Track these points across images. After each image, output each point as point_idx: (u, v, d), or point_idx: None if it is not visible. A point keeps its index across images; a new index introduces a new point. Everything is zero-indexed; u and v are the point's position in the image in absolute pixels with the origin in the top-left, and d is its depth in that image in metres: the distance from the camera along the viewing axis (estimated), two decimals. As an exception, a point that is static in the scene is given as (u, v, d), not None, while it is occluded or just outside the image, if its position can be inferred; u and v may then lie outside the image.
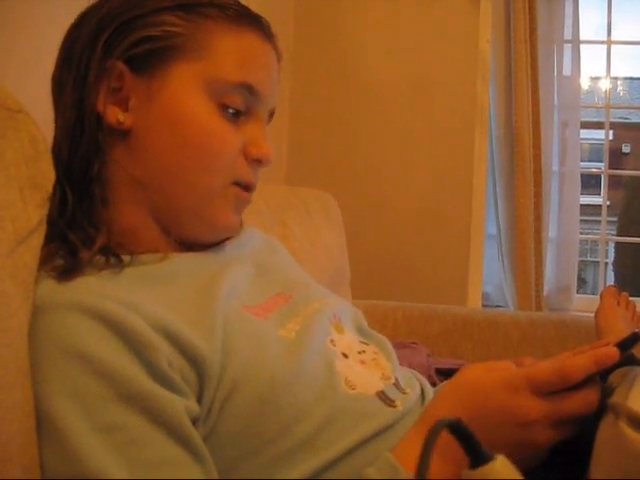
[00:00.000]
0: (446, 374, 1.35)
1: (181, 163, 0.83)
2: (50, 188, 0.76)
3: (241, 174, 0.87)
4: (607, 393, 0.68)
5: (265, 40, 0.89)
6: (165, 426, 0.67)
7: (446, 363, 1.44)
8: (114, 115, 0.82)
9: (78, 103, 0.82)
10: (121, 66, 0.82)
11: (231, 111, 0.85)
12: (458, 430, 0.56)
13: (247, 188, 0.90)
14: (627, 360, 0.70)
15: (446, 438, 0.54)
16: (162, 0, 0.84)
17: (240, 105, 0.86)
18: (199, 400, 0.72)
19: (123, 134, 0.83)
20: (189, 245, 0.89)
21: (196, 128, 0.83)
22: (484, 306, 2.76)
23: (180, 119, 0.83)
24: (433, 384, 0.99)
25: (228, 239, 0.95)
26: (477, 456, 0.56)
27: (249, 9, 0.89)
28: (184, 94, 0.83)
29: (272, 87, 0.91)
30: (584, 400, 0.68)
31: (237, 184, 0.88)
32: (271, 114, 0.94)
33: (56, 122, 0.86)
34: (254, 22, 0.88)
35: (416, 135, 2.68)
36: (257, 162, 0.89)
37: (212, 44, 0.84)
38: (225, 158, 0.85)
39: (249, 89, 0.86)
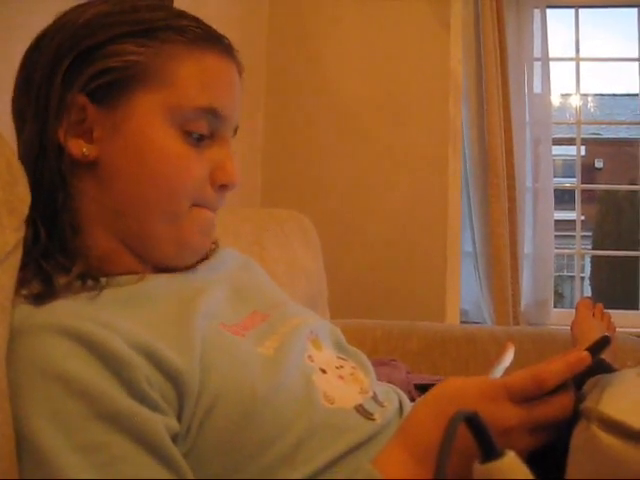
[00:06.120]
0: (425, 390, 1.35)
1: (147, 192, 0.83)
2: (27, 211, 0.76)
3: (205, 200, 0.88)
4: (580, 400, 0.69)
5: (226, 57, 0.88)
6: (145, 444, 0.67)
7: (425, 379, 1.44)
8: (78, 148, 0.82)
9: (39, 135, 0.82)
10: (82, 99, 0.81)
11: (195, 136, 0.85)
12: (473, 423, 0.56)
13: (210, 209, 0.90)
14: (599, 366, 0.71)
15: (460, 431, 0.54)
16: (119, 26, 0.82)
17: (204, 130, 0.85)
18: (179, 417, 0.72)
19: (89, 165, 0.83)
20: (164, 269, 0.89)
21: (161, 158, 0.83)
22: (462, 323, 2.76)
23: (144, 150, 0.83)
24: (412, 399, 1.00)
25: (203, 261, 0.95)
26: (489, 451, 0.57)
27: (207, 27, 0.88)
28: (147, 124, 0.83)
29: (235, 106, 0.91)
30: (559, 405, 0.69)
31: (198, 205, 0.87)
32: (235, 130, 0.93)
33: (19, 147, 0.84)
34: (213, 41, 0.87)
35: (390, 155, 2.68)
36: (224, 188, 0.89)
37: (173, 71, 0.83)
38: (190, 185, 0.85)
39: (213, 113, 0.85)
